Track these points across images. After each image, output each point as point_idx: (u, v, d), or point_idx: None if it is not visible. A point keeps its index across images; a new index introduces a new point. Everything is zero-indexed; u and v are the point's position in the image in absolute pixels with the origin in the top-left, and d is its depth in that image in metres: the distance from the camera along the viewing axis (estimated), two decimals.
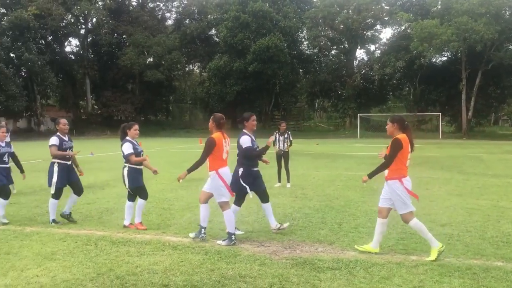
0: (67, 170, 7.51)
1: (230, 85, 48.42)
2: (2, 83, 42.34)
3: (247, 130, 6.77)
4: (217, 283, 4.73)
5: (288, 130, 12.41)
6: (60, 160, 7.44)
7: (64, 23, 52.50)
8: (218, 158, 6.29)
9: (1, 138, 7.49)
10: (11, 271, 5.06)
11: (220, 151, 6.29)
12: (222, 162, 6.35)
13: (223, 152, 6.34)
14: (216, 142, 6.24)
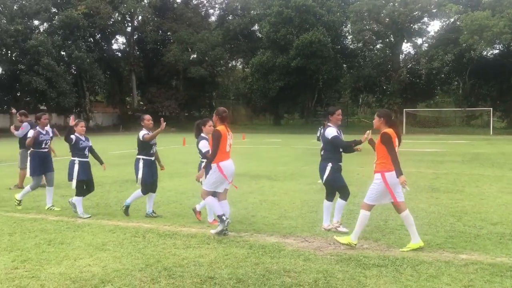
0: (150, 166, 7.61)
1: (273, 80, 48.37)
2: (54, 80, 43.99)
3: (332, 124, 6.72)
4: (261, 277, 4.76)
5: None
6: (145, 156, 7.56)
7: (111, 21, 53.97)
8: (221, 151, 6.36)
9: (80, 132, 7.81)
10: (65, 260, 5.27)
11: (224, 144, 6.37)
12: (225, 155, 6.42)
13: (226, 145, 6.42)
14: (222, 134, 6.33)
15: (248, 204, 8.83)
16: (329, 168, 6.62)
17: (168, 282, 4.59)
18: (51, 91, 44.03)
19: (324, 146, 6.71)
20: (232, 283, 4.58)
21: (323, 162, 6.72)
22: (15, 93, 49.08)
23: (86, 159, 7.75)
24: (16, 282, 4.55)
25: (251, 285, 4.54)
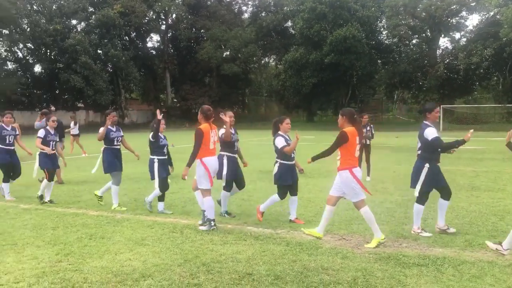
0: (233, 162, 7.48)
1: (306, 77, 48.04)
2: (91, 78, 45.02)
3: (429, 122, 6.38)
4: (299, 274, 4.75)
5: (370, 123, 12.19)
6: (229, 153, 7.48)
7: (146, 19, 54.75)
8: (204, 148, 6.58)
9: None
10: (106, 254, 5.39)
11: (207, 141, 6.60)
12: (209, 152, 6.63)
13: (210, 142, 6.64)
14: (203, 133, 6.56)
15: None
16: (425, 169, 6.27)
17: (206, 277, 4.64)
18: (88, 89, 45.08)
19: (421, 146, 6.38)
20: (270, 279, 4.58)
21: (419, 162, 6.38)
22: (54, 91, 50.47)
23: (165, 156, 7.84)
24: (61, 274, 4.68)
25: (289, 282, 4.54)
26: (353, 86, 50.61)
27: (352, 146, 5.86)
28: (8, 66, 48.01)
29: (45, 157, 8.77)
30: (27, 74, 47.69)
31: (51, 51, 48.04)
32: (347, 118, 6.03)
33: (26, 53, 50.01)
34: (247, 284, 4.48)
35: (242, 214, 7.56)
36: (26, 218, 7.34)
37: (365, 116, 12.12)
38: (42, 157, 8.81)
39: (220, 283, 4.49)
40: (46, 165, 8.73)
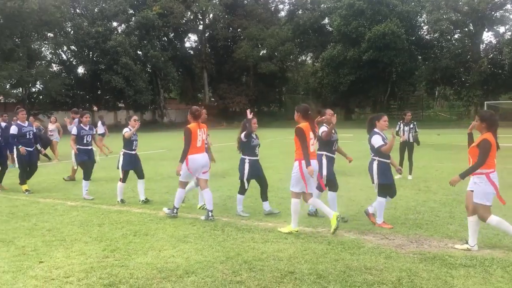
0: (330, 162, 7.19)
1: (344, 74, 47.53)
2: (131, 79, 46.00)
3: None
4: (342, 273, 4.71)
5: (414, 120, 11.98)
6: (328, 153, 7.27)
7: (184, 20, 55.45)
8: (192, 146, 7.06)
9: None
10: (150, 251, 5.51)
11: (194, 140, 7.07)
12: (195, 149, 7.12)
13: (197, 140, 7.13)
14: (191, 131, 7.06)
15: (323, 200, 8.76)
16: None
17: (249, 275, 4.66)
18: (129, 89, 46.07)
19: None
20: (312, 278, 4.57)
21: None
22: (96, 91, 51.85)
23: (257, 157, 7.56)
24: (108, 270, 4.82)
25: (332, 281, 4.51)
26: (392, 83, 49.71)
27: (308, 140, 6.22)
28: (53, 68, 49.64)
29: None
30: (71, 76, 49.17)
31: (93, 53, 49.35)
32: (301, 114, 6.42)
33: (70, 55, 51.60)
34: (289, 282, 4.48)
35: (282, 212, 7.54)
36: (73, 215, 7.58)
37: (408, 113, 11.94)
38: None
39: (263, 281, 4.51)
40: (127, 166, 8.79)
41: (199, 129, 7.20)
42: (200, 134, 7.18)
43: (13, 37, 40.60)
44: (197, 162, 7.12)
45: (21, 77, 39.19)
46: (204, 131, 7.31)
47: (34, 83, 43.96)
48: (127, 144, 8.64)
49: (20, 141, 9.88)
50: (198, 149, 7.14)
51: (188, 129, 7.10)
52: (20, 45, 41.26)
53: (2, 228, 6.67)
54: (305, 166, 6.06)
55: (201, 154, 7.21)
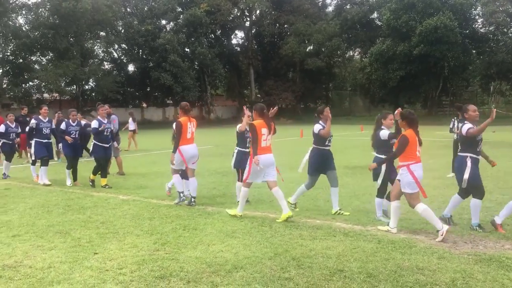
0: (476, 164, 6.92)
1: (393, 69, 46.40)
2: (179, 76, 46.84)
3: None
4: (393, 273, 4.60)
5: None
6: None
7: (231, 17, 55.85)
8: (183, 138, 7.87)
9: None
10: (199, 245, 5.58)
11: (185, 132, 7.91)
12: (186, 141, 7.92)
13: (187, 133, 7.94)
14: (182, 124, 7.90)
15: (372, 198, 8.59)
16: None
17: (297, 272, 4.64)
18: (177, 86, 46.92)
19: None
20: (362, 277, 4.49)
21: None
22: (146, 88, 53.17)
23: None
24: (159, 263, 4.92)
25: (382, 280, 4.42)
26: (444, 78, 48.06)
27: (259, 136, 6.88)
28: (105, 66, 51.33)
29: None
30: (121, 73, 50.67)
31: (143, 51, 50.62)
32: (258, 112, 7.10)
33: (120, 53, 53.18)
34: (338, 280, 4.43)
35: (330, 209, 7.46)
36: (125, 208, 7.81)
37: None
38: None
39: (311, 278, 4.48)
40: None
41: (189, 122, 8.03)
42: (190, 127, 8.03)
43: (67, 36, 42.26)
44: (188, 153, 7.96)
45: (75, 75, 40.74)
46: (193, 125, 8.15)
47: (87, 81, 45.60)
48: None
49: (99, 137, 10.19)
50: (188, 140, 8.01)
51: (179, 122, 7.94)
52: (74, 44, 42.89)
53: (59, 220, 6.96)
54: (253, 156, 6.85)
55: (191, 145, 8.06)
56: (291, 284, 4.33)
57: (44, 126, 10.71)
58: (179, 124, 7.90)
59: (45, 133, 10.71)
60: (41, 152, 10.69)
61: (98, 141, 10.18)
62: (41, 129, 10.68)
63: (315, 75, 55.86)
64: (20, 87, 39.90)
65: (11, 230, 6.42)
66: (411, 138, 6.07)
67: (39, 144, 10.72)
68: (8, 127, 12.50)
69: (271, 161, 7.04)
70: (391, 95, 50.21)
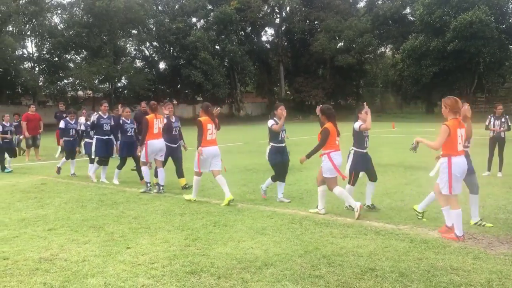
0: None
1: (426, 66, 45.46)
2: (209, 73, 47.14)
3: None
4: (426, 272, 4.52)
5: (506, 114, 11.19)
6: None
7: (261, 14, 55.80)
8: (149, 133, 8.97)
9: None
10: (229, 242, 5.61)
11: (151, 128, 8.98)
12: (152, 135, 8.98)
13: (154, 128, 8.99)
14: (149, 121, 8.96)
15: (404, 196, 8.49)
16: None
17: (328, 270, 4.61)
18: (207, 83, 47.23)
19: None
20: (394, 276, 4.42)
21: None
22: (176, 86, 53.72)
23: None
24: (190, 258, 4.97)
25: (415, 280, 4.34)
26: (480, 74, 46.79)
27: (205, 131, 7.86)
28: (136, 64, 52.12)
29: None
30: (152, 71, 51.33)
31: (174, 49, 51.15)
32: (203, 110, 8.13)
33: (152, 51, 53.88)
34: (370, 279, 4.37)
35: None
36: (156, 204, 7.91)
37: (499, 106, 11.16)
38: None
39: (342, 276, 4.44)
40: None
41: (156, 119, 9.02)
42: (157, 123, 9.03)
43: (101, 35, 43.10)
44: (155, 146, 8.99)
45: (108, 73, 41.52)
46: (160, 121, 9.13)
47: (120, 78, 46.40)
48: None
49: (167, 136, 9.63)
50: (155, 135, 9.00)
51: (146, 119, 8.98)
52: (107, 42, 43.70)
53: (93, 215, 7.11)
54: (197, 148, 7.82)
55: (158, 140, 9.05)
56: (322, 282, 4.30)
57: (104, 122, 10.63)
58: (146, 121, 8.97)
59: (105, 130, 10.62)
60: (102, 151, 10.63)
61: (167, 142, 9.54)
62: (102, 125, 10.60)
63: (346, 72, 55.31)
64: (55, 84, 40.95)
65: (47, 224, 6.59)
66: (331, 130, 7.05)
67: (100, 142, 10.60)
68: (67, 123, 12.27)
69: (216, 152, 8.02)
70: (423, 92, 49.26)
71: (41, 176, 11.72)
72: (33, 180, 11.02)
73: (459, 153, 5.70)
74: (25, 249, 5.37)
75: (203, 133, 7.87)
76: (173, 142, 9.72)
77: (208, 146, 7.86)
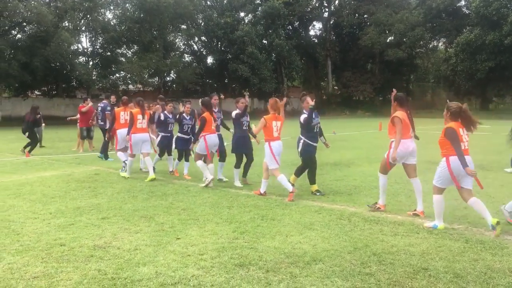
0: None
1: (481, 60, 43.74)
2: (256, 68, 47.29)
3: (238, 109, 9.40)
4: (482, 274, 4.34)
5: None
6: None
7: (309, 8, 55.42)
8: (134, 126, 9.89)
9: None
10: (277, 235, 5.59)
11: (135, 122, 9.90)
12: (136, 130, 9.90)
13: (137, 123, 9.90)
14: (134, 116, 9.89)
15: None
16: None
17: (378, 268, 4.51)
18: (254, 78, 47.42)
19: None
20: (448, 277, 4.27)
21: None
22: (224, 80, 54.25)
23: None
24: (238, 251, 4.99)
25: (471, 281, 4.18)
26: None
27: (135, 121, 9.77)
28: (185, 58, 52.98)
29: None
30: (200, 65, 52.03)
31: (221, 43, 51.61)
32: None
33: (200, 45, 54.58)
34: (423, 279, 4.24)
35: (412, 205, 7.18)
36: (205, 196, 8.01)
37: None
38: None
39: (394, 275, 4.33)
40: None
41: (139, 114, 9.88)
42: (140, 118, 9.88)
43: (151, 30, 44.07)
44: (138, 139, 9.85)
45: (158, 67, 42.43)
46: (146, 117, 10.01)
47: (169, 73, 47.34)
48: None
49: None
50: (138, 129, 9.90)
51: (131, 113, 9.95)
52: (157, 37, 44.63)
53: (144, 205, 7.28)
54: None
55: (142, 134, 9.94)
56: (372, 280, 4.21)
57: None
58: (131, 115, 9.91)
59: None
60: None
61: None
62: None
63: (396, 67, 54.10)
64: (108, 78, 42.26)
65: (100, 212, 6.81)
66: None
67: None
68: (166, 117, 10.75)
69: (146, 138, 9.85)
70: (478, 88, 47.50)
71: (94, 166, 12.12)
72: (87, 170, 11.41)
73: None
74: (80, 236, 5.56)
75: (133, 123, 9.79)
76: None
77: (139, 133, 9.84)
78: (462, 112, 5.88)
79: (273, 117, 8.13)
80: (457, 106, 5.95)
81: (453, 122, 5.89)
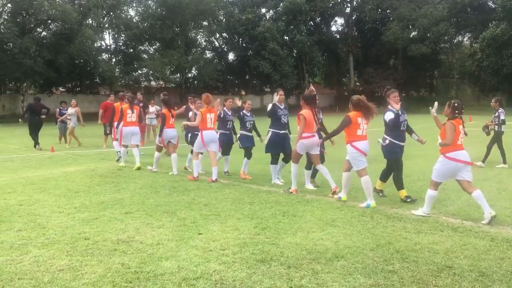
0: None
1: (508, 56, 42.74)
2: (277, 64, 47.17)
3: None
4: (509, 273, 4.26)
5: None
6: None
7: (331, 3, 54.94)
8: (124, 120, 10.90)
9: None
10: (299, 232, 5.58)
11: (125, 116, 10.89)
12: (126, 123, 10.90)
13: (127, 117, 10.87)
14: (123, 110, 10.82)
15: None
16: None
17: (402, 265, 4.46)
18: (275, 74, 47.32)
19: None
20: (474, 275, 4.20)
21: None
22: (245, 76, 54.30)
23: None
24: (259, 247, 4.99)
25: (496, 280, 4.10)
26: None
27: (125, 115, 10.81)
28: (206, 55, 53.21)
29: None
30: (222, 62, 52.20)
31: (242, 40, 51.63)
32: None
33: (221, 42, 54.74)
34: (447, 277, 4.18)
35: (436, 203, 7.06)
36: (226, 192, 8.03)
37: None
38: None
39: (417, 272, 4.27)
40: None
41: (129, 109, 10.77)
42: (129, 112, 10.78)
43: (173, 26, 44.38)
44: (128, 131, 10.75)
45: (179, 64, 42.71)
46: (136, 112, 10.90)
47: (190, 69, 47.61)
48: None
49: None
50: (128, 123, 10.80)
51: (121, 108, 10.86)
52: (179, 34, 44.92)
53: (166, 200, 7.34)
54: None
55: (131, 127, 10.84)
56: (395, 278, 4.16)
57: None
58: (121, 110, 10.81)
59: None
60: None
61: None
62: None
63: (419, 62, 53.25)
64: (130, 75, 42.75)
65: (123, 207, 6.89)
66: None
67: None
68: (226, 114, 10.19)
69: (135, 131, 10.91)
70: (504, 83, 46.44)
71: (118, 162, 12.27)
72: (110, 165, 11.57)
73: None
74: (104, 231, 5.64)
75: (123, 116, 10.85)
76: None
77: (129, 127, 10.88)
78: (361, 103, 7.07)
79: (207, 110, 9.23)
80: (357, 98, 7.20)
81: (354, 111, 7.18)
